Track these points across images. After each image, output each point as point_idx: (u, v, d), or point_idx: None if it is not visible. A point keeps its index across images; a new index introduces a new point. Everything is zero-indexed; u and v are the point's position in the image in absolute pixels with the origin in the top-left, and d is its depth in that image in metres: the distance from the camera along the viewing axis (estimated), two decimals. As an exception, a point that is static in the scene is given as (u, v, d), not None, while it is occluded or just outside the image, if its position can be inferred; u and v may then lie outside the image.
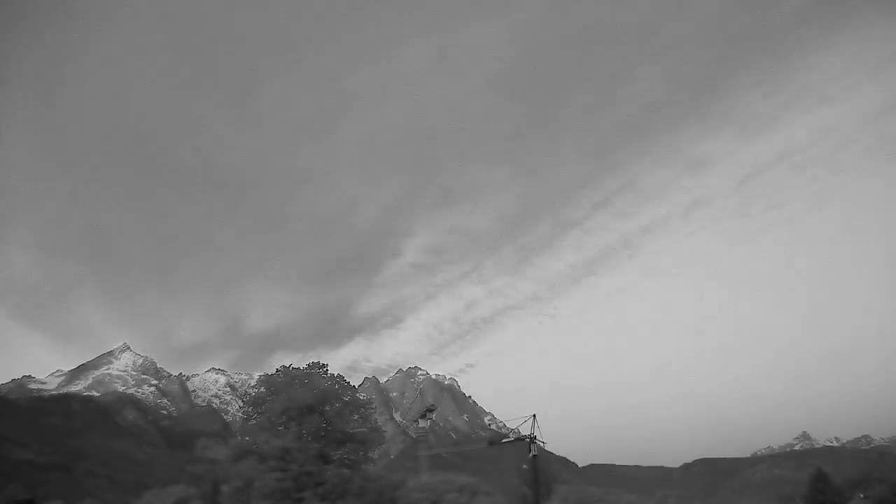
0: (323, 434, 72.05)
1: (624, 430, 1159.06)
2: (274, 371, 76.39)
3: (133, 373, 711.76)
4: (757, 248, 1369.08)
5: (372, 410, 78.23)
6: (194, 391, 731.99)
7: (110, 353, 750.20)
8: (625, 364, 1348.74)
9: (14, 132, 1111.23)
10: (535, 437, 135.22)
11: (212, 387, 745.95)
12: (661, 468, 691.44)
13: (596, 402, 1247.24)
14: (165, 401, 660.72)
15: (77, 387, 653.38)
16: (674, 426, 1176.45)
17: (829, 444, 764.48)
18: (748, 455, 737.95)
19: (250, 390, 79.39)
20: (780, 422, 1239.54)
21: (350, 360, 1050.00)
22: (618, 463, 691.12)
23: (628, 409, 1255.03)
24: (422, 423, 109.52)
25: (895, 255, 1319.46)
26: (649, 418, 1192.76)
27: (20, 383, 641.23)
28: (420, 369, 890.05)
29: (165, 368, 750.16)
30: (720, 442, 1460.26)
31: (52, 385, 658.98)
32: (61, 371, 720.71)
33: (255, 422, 72.22)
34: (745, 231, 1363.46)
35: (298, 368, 75.51)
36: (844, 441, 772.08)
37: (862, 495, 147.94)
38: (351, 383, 77.82)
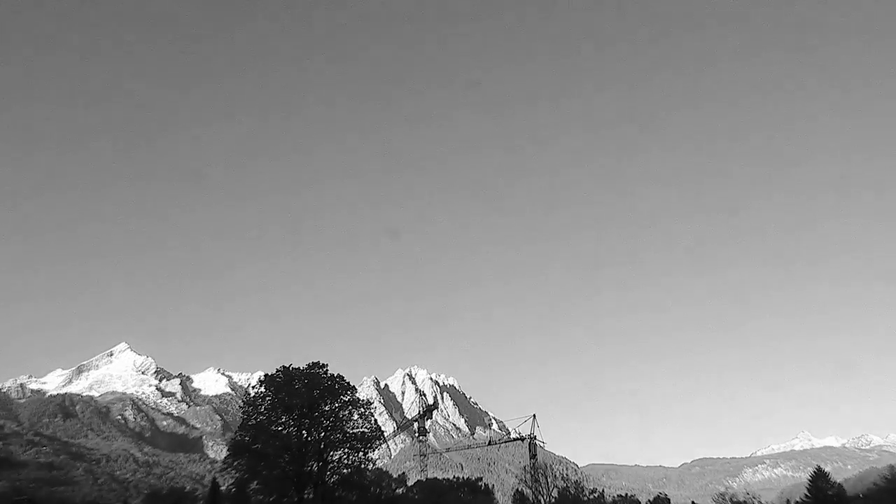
0: (323, 434, 71.87)
1: (624, 430, 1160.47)
2: (274, 371, 76.03)
3: (133, 373, 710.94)
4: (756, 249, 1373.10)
5: (372, 410, 77.94)
6: (194, 391, 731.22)
7: (110, 353, 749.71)
8: (625, 364, 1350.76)
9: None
10: (535, 437, 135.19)
11: (212, 387, 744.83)
12: (661, 468, 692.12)
13: (596, 402, 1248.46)
14: (165, 401, 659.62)
15: (77, 387, 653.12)
16: (674, 426, 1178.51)
17: (829, 444, 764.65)
18: (748, 455, 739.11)
19: (250, 390, 78.91)
20: (780, 422, 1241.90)
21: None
22: (617, 463, 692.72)
23: (628, 409, 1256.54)
24: (422, 423, 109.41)
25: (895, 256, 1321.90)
26: (649, 418, 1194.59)
27: (20, 383, 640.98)
28: (420, 369, 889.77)
29: (165, 368, 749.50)
30: (720, 442, 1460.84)
31: (52, 385, 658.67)
32: (61, 371, 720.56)
33: (255, 421, 71.92)
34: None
35: (298, 368, 75.14)
36: (844, 441, 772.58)
37: (862, 495, 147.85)
38: (351, 383, 77.58)
